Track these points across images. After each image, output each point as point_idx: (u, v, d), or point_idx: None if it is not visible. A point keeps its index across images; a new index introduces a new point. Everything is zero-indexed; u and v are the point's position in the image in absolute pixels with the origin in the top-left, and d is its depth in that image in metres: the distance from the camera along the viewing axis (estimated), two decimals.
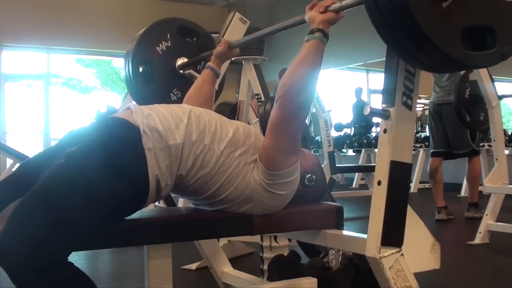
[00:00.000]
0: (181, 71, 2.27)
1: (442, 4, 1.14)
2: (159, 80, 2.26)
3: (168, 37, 2.27)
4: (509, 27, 1.25)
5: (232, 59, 2.16)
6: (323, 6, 1.40)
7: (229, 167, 1.39)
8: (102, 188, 1.22)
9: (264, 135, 1.45)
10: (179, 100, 2.20)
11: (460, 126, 3.99)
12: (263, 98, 2.95)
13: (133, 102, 2.36)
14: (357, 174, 7.95)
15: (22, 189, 1.24)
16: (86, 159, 1.23)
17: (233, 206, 1.43)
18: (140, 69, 2.24)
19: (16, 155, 4.32)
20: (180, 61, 2.27)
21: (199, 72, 2.18)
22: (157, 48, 2.25)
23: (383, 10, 1.17)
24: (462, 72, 3.75)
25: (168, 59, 2.27)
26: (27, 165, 1.44)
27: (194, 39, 2.35)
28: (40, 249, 1.12)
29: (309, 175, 1.60)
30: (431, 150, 4.54)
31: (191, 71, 2.22)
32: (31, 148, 8.25)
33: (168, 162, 1.32)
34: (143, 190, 1.31)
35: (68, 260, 1.19)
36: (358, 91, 9.11)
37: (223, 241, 2.91)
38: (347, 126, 8.69)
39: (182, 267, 2.81)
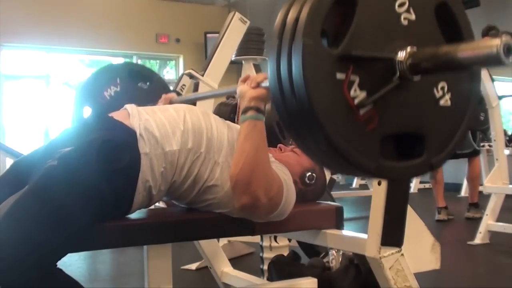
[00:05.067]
0: None
1: (359, 111, 0.93)
2: None
3: (118, 81, 2.15)
4: (439, 134, 1.04)
5: (232, 58, 2.15)
6: (254, 81, 1.30)
7: (227, 177, 1.36)
8: (94, 191, 1.21)
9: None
10: None
11: None
12: None
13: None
14: None
15: (17, 186, 1.24)
16: (80, 162, 1.22)
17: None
18: (86, 115, 2.12)
19: (16, 155, 4.31)
20: None
21: None
22: (105, 93, 2.12)
23: (293, 117, 0.97)
24: None
25: (115, 106, 2.10)
26: (22, 162, 1.43)
27: (148, 83, 2.23)
28: (31, 251, 1.11)
29: (310, 173, 1.58)
30: None
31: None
32: (31, 148, 8.23)
33: (163, 168, 1.31)
34: (129, 194, 1.29)
35: (58, 266, 1.18)
36: None
37: (223, 241, 2.91)
38: None
39: (182, 267, 2.81)
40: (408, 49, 0.90)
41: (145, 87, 2.23)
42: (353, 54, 0.89)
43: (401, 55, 0.91)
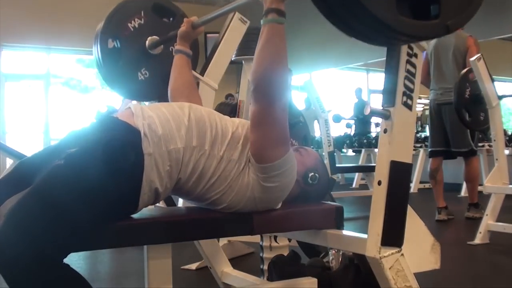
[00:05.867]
0: (150, 51, 2.18)
1: None
2: (127, 57, 2.16)
3: (142, 14, 2.17)
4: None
5: (232, 58, 2.15)
6: None
7: (230, 172, 1.37)
8: (99, 191, 1.22)
9: None
10: (147, 80, 2.17)
11: (460, 125, 4.00)
12: None
13: (133, 102, 2.34)
14: (357, 174, 7.95)
15: (20, 187, 1.25)
16: (85, 162, 1.23)
17: (237, 209, 1.43)
18: (109, 45, 2.15)
19: (16, 155, 4.31)
20: (151, 40, 2.18)
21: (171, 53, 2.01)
22: (129, 24, 2.15)
23: None
24: (463, 72, 3.75)
25: (139, 37, 2.17)
26: (26, 162, 1.43)
27: (171, 19, 2.25)
28: (36, 248, 1.12)
29: (312, 173, 1.58)
30: (429, 149, 4.54)
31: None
32: (31, 148, 8.25)
33: (168, 167, 1.32)
34: (134, 194, 1.29)
35: (64, 262, 1.18)
36: (358, 92, 9.21)
37: (223, 241, 2.91)
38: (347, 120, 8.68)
39: (182, 267, 2.81)
40: None
41: (169, 22, 2.25)
42: None
43: None
